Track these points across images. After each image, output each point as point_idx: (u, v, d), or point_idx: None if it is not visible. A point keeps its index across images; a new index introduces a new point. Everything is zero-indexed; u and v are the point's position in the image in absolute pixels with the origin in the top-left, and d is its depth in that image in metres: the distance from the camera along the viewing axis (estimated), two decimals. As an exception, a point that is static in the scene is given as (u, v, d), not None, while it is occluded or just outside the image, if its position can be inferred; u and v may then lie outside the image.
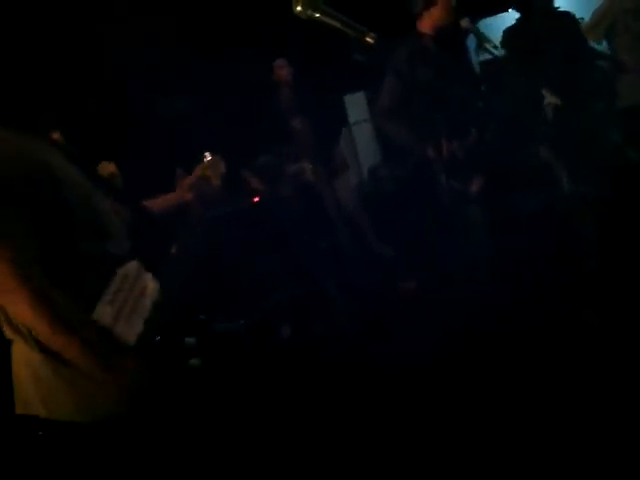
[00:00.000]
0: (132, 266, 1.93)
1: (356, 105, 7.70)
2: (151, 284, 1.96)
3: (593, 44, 5.78)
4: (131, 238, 2.03)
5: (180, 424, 2.02)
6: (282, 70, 6.05)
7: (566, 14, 5.71)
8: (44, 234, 1.79)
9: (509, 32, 5.84)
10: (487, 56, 5.84)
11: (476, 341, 4.10)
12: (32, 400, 1.90)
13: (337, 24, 2.69)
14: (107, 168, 4.93)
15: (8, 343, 1.91)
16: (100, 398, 1.83)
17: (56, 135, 4.47)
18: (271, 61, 6.13)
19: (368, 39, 2.78)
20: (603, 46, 5.90)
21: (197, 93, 6.74)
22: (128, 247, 1.99)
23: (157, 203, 2.67)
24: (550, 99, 5.46)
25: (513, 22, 5.95)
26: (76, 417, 1.87)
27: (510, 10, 7.51)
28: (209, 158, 2.64)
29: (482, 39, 5.32)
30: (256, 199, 5.55)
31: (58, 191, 1.83)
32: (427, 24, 4.88)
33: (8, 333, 1.88)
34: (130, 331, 1.83)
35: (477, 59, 7.31)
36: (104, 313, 1.80)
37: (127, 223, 2.09)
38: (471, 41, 6.83)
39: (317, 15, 2.66)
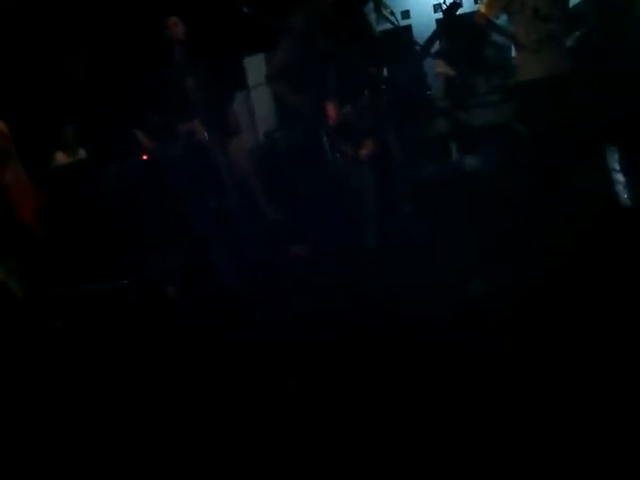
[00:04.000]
0: None
1: (256, 68, 7.58)
2: None
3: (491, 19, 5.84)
4: None
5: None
6: (176, 28, 5.87)
7: None
8: None
9: None
10: (388, 25, 5.87)
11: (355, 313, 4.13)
12: None
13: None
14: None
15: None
16: None
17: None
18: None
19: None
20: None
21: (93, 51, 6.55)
22: None
23: None
24: (441, 69, 5.53)
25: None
26: None
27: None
28: None
29: (380, 6, 5.34)
30: (144, 157, 5.44)
31: None
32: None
33: None
34: None
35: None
36: None
37: None
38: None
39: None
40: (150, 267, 5.15)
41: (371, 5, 5.81)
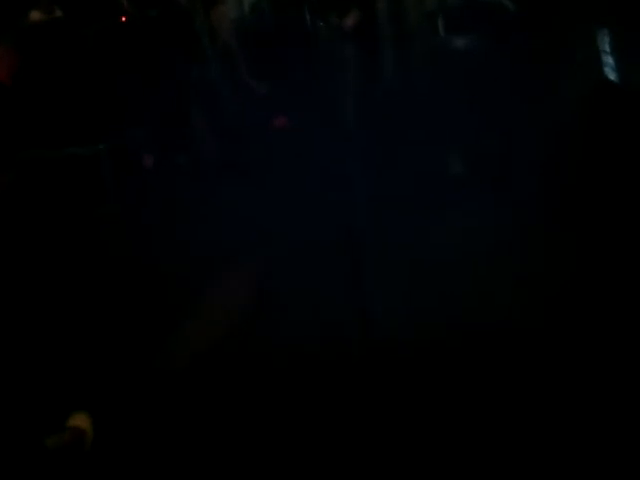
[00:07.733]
0: None
1: None
2: None
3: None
4: None
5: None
6: None
7: None
8: None
9: None
10: None
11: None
12: None
13: None
14: None
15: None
16: None
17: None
18: None
19: None
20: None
21: None
22: None
23: None
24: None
25: None
26: None
27: None
28: None
29: None
30: (123, 19, 5.27)
31: None
32: None
33: None
34: None
35: None
36: None
37: None
38: None
39: None
40: (126, 134, 5.05)
41: None
